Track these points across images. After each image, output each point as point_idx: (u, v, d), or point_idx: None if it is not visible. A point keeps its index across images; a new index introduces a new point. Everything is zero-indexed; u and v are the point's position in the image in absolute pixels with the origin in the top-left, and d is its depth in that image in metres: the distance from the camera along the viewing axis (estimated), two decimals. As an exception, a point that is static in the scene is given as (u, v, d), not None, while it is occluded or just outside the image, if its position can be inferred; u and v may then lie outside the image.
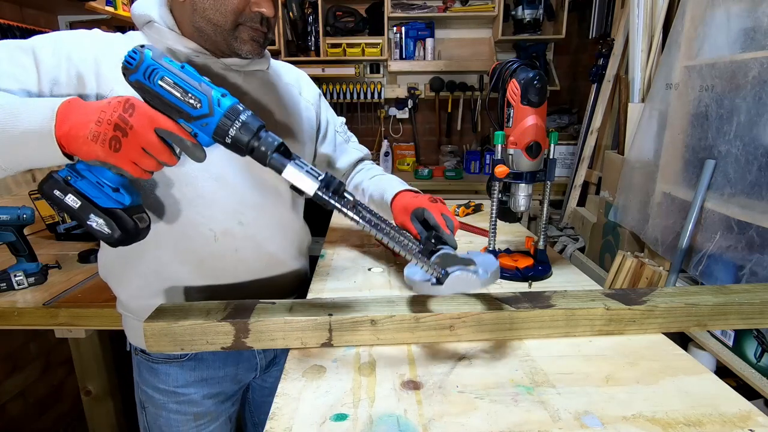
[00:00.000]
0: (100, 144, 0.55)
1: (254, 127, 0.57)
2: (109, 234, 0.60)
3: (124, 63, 0.56)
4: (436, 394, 0.59)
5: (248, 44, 0.76)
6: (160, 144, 0.57)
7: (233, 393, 0.97)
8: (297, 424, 0.54)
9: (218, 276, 0.86)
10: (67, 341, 1.40)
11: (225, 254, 0.84)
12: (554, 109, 3.27)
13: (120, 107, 0.55)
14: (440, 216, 0.84)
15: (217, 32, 0.74)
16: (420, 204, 0.86)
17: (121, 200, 0.61)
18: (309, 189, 0.57)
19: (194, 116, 0.56)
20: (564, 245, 2.45)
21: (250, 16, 0.74)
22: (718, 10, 1.46)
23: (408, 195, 0.92)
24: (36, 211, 1.65)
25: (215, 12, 0.72)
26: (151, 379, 0.91)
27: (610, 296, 0.76)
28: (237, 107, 0.57)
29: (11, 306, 1.19)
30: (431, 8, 3.12)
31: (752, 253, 1.24)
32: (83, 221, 0.60)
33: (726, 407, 0.56)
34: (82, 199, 0.59)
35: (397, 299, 0.75)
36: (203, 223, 0.81)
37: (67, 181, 0.59)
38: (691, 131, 1.56)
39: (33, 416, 1.76)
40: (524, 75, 0.87)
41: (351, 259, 1.12)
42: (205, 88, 0.56)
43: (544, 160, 0.95)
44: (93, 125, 0.55)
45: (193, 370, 0.90)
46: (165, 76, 0.55)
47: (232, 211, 0.83)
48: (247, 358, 0.95)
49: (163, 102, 0.56)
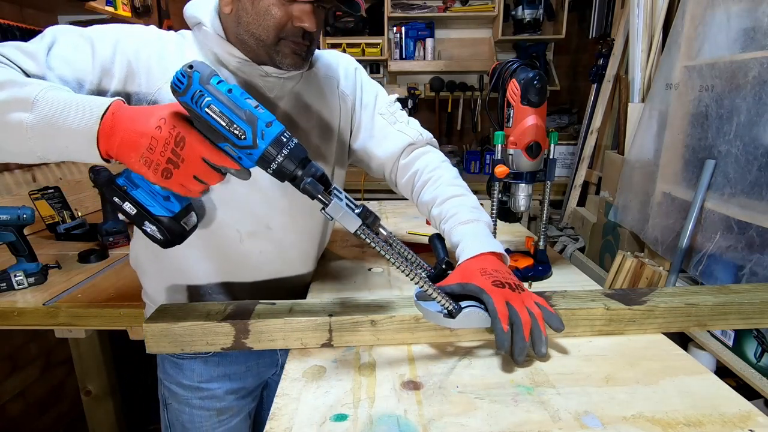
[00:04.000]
0: (152, 171, 0.58)
1: (298, 158, 0.59)
2: (160, 239, 0.65)
3: (173, 86, 0.57)
4: (436, 395, 0.59)
5: (290, 58, 0.76)
6: (209, 170, 0.60)
7: (254, 388, 0.99)
8: (297, 424, 0.54)
9: (239, 274, 0.88)
10: (67, 341, 1.40)
11: (250, 255, 0.86)
12: (554, 109, 3.27)
13: (172, 140, 0.57)
14: (503, 304, 0.63)
15: (260, 46, 0.75)
16: (481, 285, 0.65)
17: (171, 208, 0.65)
18: (351, 227, 0.60)
19: (239, 145, 0.58)
20: (564, 245, 2.45)
21: (293, 30, 0.73)
22: (718, 10, 1.46)
23: (484, 262, 0.70)
24: (36, 211, 1.65)
25: (258, 26, 0.73)
26: (175, 375, 0.92)
27: (610, 296, 0.76)
28: (281, 138, 0.58)
29: (11, 306, 1.19)
30: (431, 8, 3.12)
31: (752, 253, 1.24)
32: (140, 225, 0.65)
33: (726, 407, 0.56)
34: (137, 207, 0.63)
35: (397, 299, 0.75)
36: (231, 225, 0.83)
37: (125, 190, 0.63)
38: (691, 131, 1.56)
39: (33, 416, 1.76)
40: (524, 75, 0.87)
41: (351, 259, 1.12)
42: (250, 117, 0.57)
43: (544, 160, 0.95)
44: (145, 151, 0.57)
45: (217, 365, 0.91)
46: (212, 104, 0.56)
47: (262, 215, 0.84)
48: (269, 354, 0.97)
49: (210, 128, 0.57)
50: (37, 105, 0.57)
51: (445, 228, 0.81)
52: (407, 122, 0.94)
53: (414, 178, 0.91)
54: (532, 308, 0.64)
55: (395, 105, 0.95)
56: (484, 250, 0.72)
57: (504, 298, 0.63)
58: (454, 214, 0.81)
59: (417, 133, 0.93)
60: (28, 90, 0.58)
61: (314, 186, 0.59)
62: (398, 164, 0.93)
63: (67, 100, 0.59)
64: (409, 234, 1.34)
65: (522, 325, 0.61)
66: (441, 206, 0.84)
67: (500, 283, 0.65)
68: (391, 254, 0.62)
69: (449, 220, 0.81)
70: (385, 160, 0.93)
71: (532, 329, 0.62)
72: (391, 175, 0.95)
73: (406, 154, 0.92)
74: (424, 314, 0.68)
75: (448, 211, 0.82)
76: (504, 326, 0.61)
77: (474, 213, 0.81)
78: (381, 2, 3.04)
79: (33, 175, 1.81)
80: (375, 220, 0.62)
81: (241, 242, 0.84)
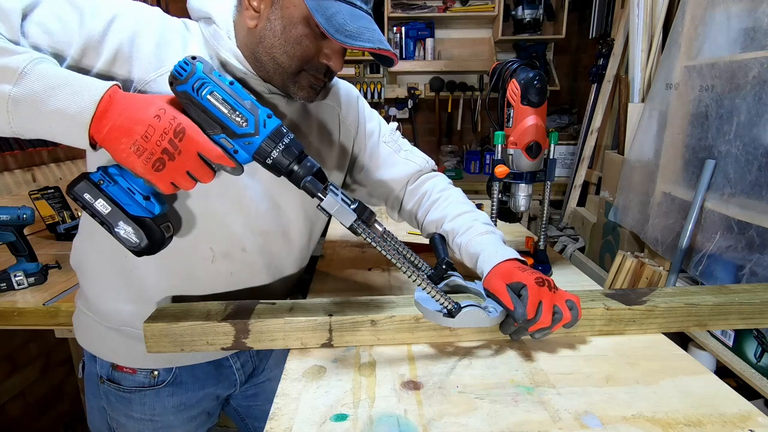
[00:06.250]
0: (143, 160, 0.54)
1: (296, 151, 0.59)
2: (137, 243, 0.60)
3: (174, 73, 0.56)
4: (436, 395, 0.59)
5: (305, 90, 0.72)
6: (203, 166, 0.57)
7: (213, 409, 0.93)
8: (297, 424, 0.54)
9: (205, 290, 0.80)
10: (67, 341, 1.40)
11: (219, 275, 0.79)
12: (554, 109, 3.27)
13: (171, 130, 0.55)
14: (535, 304, 0.66)
15: (278, 71, 0.70)
16: (523, 280, 0.68)
17: (151, 209, 0.61)
18: (346, 222, 0.59)
19: (238, 134, 0.57)
20: (564, 245, 2.45)
21: (316, 65, 0.70)
22: (718, 10, 1.46)
23: (513, 264, 0.73)
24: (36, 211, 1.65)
25: (282, 53, 0.68)
26: (123, 408, 0.83)
27: (610, 296, 0.76)
28: (281, 129, 0.58)
29: (11, 306, 1.18)
30: (431, 8, 3.12)
31: (752, 253, 1.24)
32: (111, 227, 0.59)
33: (726, 407, 0.56)
34: (112, 205, 0.58)
35: (397, 299, 0.75)
36: (206, 241, 0.76)
37: (99, 186, 0.58)
38: (691, 131, 1.56)
39: (33, 416, 1.76)
40: (524, 75, 0.87)
41: (351, 259, 1.12)
42: (251, 107, 0.57)
43: (544, 160, 0.95)
44: (139, 138, 0.54)
45: (171, 396, 0.83)
46: (214, 90, 0.55)
47: (239, 235, 0.77)
48: (227, 376, 0.89)
49: (208, 116, 0.56)
50: (24, 78, 0.52)
51: (461, 241, 0.82)
52: (411, 150, 0.95)
53: (422, 199, 0.92)
54: (562, 308, 0.66)
55: (397, 133, 0.96)
56: (511, 256, 0.75)
57: (539, 297, 0.66)
58: (470, 227, 0.82)
59: (423, 160, 0.95)
60: (16, 60, 0.52)
61: (314, 184, 0.59)
62: (405, 190, 0.93)
63: (60, 77, 0.54)
64: (409, 234, 1.34)
65: (537, 322, 0.65)
66: (454, 221, 0.85)
67: (542, 280, 0.67)
68: (387, 249, 0.62)
69: (465, 232, 0.82)
70: (393, 186, 0.93)
71: (542, 329, 0.66)
72: (395, 202, 0.95)
73: (413, 180, 0.93)
74: (424, 313, 0.68)
75: (463, 225, 0.83)
76: (525, 311, 0.64)
77: (489, 227, 0.83)
78: (381, 2, 3.03)
79: (33, 175, 1.81)
80: (370, 216, 0.62)
81: (213, 262, 0.77)
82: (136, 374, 0.81)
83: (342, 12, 0.64)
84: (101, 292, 0.79)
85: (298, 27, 0.66)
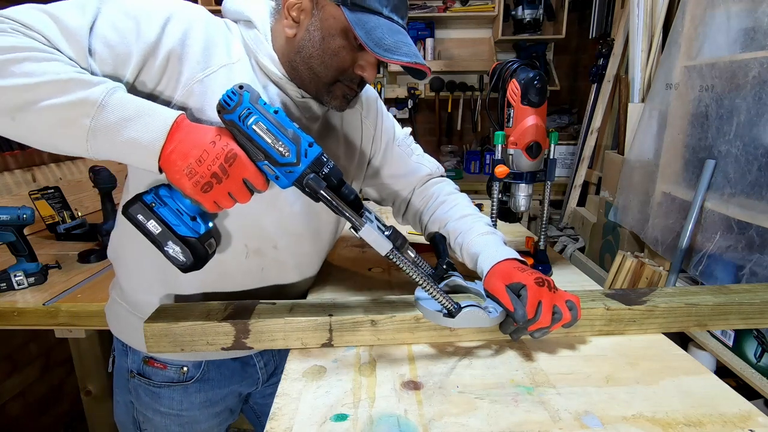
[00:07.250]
0: (193, 183, 0.58)
1: (334, 181, 0.62)
2: (184, 261, 0.63)
3: (222, 102, 0.58)
4: (436, 395, 0.59)
5: (338, 100, 0.74)
6: (244, 189, 0.61)
7: (235, 406, 0.97)
8: (297, 424, 0.54)
9: (236, 286, 0.83)
10: (67, 341, 1.40)
11: (251, 271, 0.82)
12: (554, 109, 3.27)
13: (223, 156, 0.58)
14: (534, 305, 0.66)
15: (313, 80, 0.72)
16: (522, 280, 0.68)
17: (197, 229, 0.64)
18: (382, 250, 0.62)
19: (281, 162, 0.59)
20: (564, 245, 2.46)
21: (351, 76, 0.72)
22: (718, 10, 1.46)
23: (512, 264, 0.74)
24: (36, 211, 1.65)
25: (320, 63, 0.70)
26: (152, 403, 0.87)
27: (610, 296, 0.76)
28: (322, 158, 0.61)
29: (11, 306, 1.18)
30: (431, 8, 3.12)
31: (752, 253, 1.24)
32: (161, 246, 0.62)
33: (726, 407, 0.56)
34: (162, 226, 0.62)
35: (398, 299, 0.75)
36: (240, 238, 0.78)
37: (152, 208, 0.61)
38: (691, 131, 1.56)
39: (33, 416, 1.76)
40: (524, 75, 0.87)
41: (351, 259, 1.12)
42: (294, 137, 0.59)
43: (544, 160, 0.95)
44: (193, 161, 0.57)
45: (198, 392, 0.87)
46: (259, 121, 0.58)
47: (271, 234, 0.80)
48: (251, 375, 0.93)
49: (253, 144, 0.59)
50: (102, 110, 0.55)
51: (462, 241, 0.83)
52: (422, 155, 0.99)
53: (429, 200, 0.94)
54: (562, 308, 0.66)
55: (410, 138, 1.00)
56: (511, 256, 0.75)
57: (539, 297, 0.66)
58: (470, 228, 0.84)
59: (435, 165, 0.99)
60: (94, 93, 0.55)
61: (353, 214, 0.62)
62: (414, 192, 0.97)
63: (132, 107, 0.57)
64: (409, 234, 1.34)
65: (537, 322, 0.65)
66: (457, 222, 0.87)
67: (541, 280, 0.68)
68: (418, 275, 0.64)
69: (467, 233, 0.84)
70: (402, 188, 0.96)
71: (541, 328, 0.66)
72: (402, 204, 0.98)
73: (422, 182, 0.97)
74: (424, 313, 0.68)
75: (464, 225, 0.85)
76: (525, 312, 0.64)
77: (489, 228, 0.84)
78: (381, 2, 3.03)
79: (33, 175, 1.81)
80: (403, 243, 0.65)
81: (246, 258, 0.80)
82: (167, 369, 0.85)
83: (381, 26, 0.66)
84: (136, 284, 0.82)
85: (337, 39, 0.68)
